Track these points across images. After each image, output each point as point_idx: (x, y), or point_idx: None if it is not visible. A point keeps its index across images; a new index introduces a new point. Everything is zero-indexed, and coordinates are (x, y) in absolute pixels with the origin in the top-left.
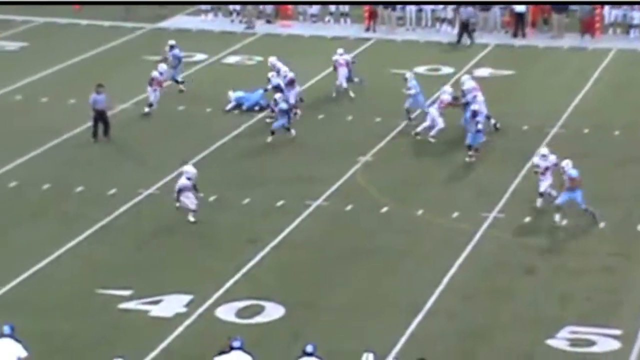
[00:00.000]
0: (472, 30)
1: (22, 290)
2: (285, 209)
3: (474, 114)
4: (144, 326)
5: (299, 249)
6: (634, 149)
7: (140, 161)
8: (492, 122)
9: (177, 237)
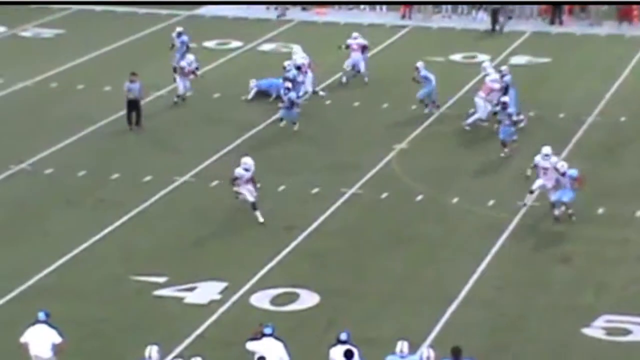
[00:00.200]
0: (509, 17)
1: (57, 276)
2: (320, 196)
3: (504, 106)
4: (178, 313)
5: (334, 237)
6: None
7: (175, 148)
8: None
9: (212, 224)
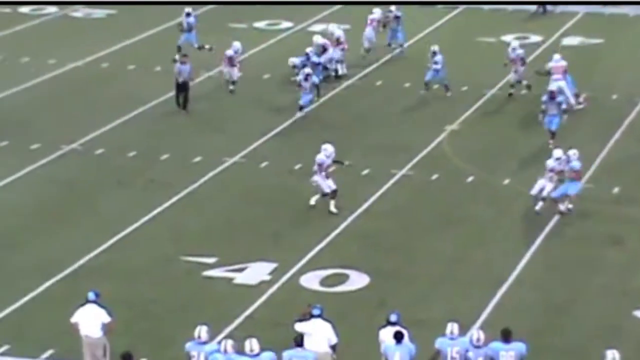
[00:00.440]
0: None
1: (107, 256)
2: (370, 177)
3: (552, 95)
4: (228, 293)
5: (384, 218)
6: None
7: (224, 129)
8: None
9: (262, 205)
